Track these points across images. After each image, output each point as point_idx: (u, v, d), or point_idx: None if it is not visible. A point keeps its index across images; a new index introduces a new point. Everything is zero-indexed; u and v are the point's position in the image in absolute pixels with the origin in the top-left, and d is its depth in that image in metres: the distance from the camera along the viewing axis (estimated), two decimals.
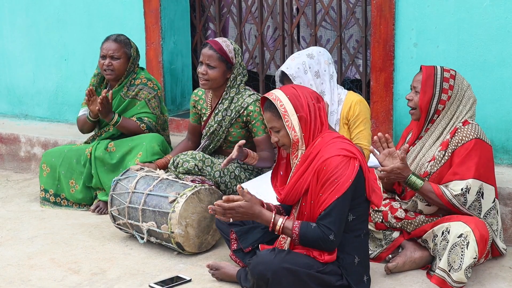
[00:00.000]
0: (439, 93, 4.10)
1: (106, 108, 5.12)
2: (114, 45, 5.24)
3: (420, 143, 4.21)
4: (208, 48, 4.72)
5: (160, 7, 6.06)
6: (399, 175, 4.02)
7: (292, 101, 3.67)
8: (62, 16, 6.54)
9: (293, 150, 3.72)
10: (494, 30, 4.77)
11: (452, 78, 4.12)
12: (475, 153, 4.02)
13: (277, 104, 3.67)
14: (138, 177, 4.63)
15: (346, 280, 3.66)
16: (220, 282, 4.04)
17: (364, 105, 4.67)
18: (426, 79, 4.12)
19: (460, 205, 3.99)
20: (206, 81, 4.73)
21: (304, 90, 3.73)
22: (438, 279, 3.84)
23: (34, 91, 6.85)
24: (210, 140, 4.89)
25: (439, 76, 4.12)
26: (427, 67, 4.17)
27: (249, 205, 3.69)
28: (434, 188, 4.01)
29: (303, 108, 3.66)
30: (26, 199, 5.66)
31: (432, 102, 4.11)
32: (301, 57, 4.59)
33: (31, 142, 6.35)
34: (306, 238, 3.60)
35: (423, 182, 4.02)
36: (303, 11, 5.77)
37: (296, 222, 3.63)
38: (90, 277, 4.18)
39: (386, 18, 5.08)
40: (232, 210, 3.70)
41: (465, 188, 3.98)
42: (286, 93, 3.69)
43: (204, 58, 4.72)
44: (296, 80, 4.51)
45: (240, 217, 3.72)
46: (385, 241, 4.25)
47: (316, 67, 4.57)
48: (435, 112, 4.13)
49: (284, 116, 3.66)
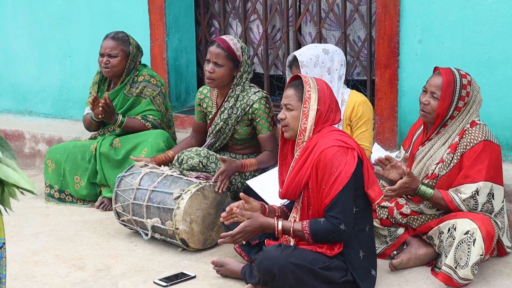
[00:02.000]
0: (457, 101, 4.07)
1: (108, 112, 5.13)
2: (112, 43, 5.25)
3: (429, 145, 4.19)
4: (216, 46, 4.70)
5: (164, 4, 6.05)
6: (407, 189, 4.01)
7: (320, 93, 3.69)
8: (66, 13, 6.55)
9: (299, 140, 3.73)
10: (499, 27, 4.76)
11: (469, 85, 4.08)
12: (485, 155, 4.01)
13: (306, 87, 3.69)
14: (143, 174, 4.63)
15: (351, 275, 3.66)
16: (224, 279, 4.05)
17: (367, 106, 4.65)
18: (447, 86, 4.05)
19: (470, 210, 3.98)
20: (212, 80, 4.72)
21: (332, 93, 3.76)
22: (444, 276, 3.83)
23: (38, 88, 6.86)
24: (216, 138, 4.88)
25: (459, 84, 4.06)
26: (445, 72, 4.09)
27: (253, 221, 3.69)
28: (443, 195, 4.01)
29: (325, 105, 3.68)
30: (30, 196, 5.64)
31: (450, 109, 4.08)
32: (316, 49, 4.58)
33: (36, 139, 6.36)
34: (318, 234, 3.60)
35: (433, 191, 4.01)
36: (308, 8, 5.76)
37: (305, 222, 3.63)
38: (95, 274, 4.18)
39: (391, 15, 5.07)
40: (241, 233, 3.70)
41: (475, 191, 3.97)
42: (318, 83, 3.72)
43: (212, 56, 4.70)
44: (303, 69, 4.49)
45: (250, 235, 3.72)
46: (390, 238, 4.25)
47: (328, 64, 4.56)
48: (450, 118, 4.11)
49: (305, 101, 3.68)
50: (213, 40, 4.78)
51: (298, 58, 4.52)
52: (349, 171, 3.56)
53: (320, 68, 4.53)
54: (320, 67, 4.53)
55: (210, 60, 4.70)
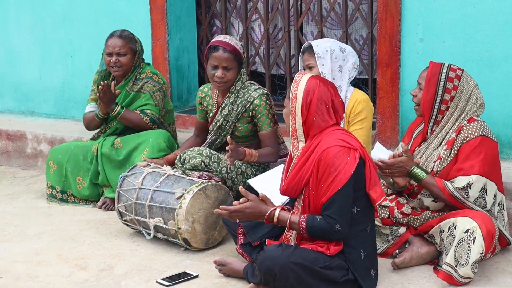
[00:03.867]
0: (442, 93, 4.08)
1: (108, 96, 5.12)
2: (120, 42, 5.24)
3: (426, 145, 4.21)
4: (222, 51, 4.66)
5: (166, 3, 6.06)
6: (401, 168, 4.02)
7: (305, 93, 3.66)
8: (68, 13, 6.55)
9: (293, 141, 3.73)
10: (500, 25, 4.76)
11: (457, 79, 4.09)
12: (481, 150, 4.01)
13: (293, 86, 3.70)
14: (145, 174, 4.64)
15: (352, 274, 3.67)
16: (227, 278, 4.05)
17: (367, 104, 4.60)
18: (430, 77, 4.10)
19: (463, 198, 3.98)
20: (224, 83, 4.72)
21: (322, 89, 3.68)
22: (445, 275, 3.84)
23: (40, 88, 6.87)
24: (217, 135, 4.89)
25: (444, 76, 4.09)
26: (434, 65, 4.14)
27: (254, 204, 3.72)
28: (437, 181, 4.01)
29: (310, 107, 3.65)
30: (33, 196, 5.67)
31: (435, 101, 4.09)
32: (334, 44, 4.56)
33: (38, 139, 6.37)
34: (313, 230, 3.61)
35: (426, 174, 4.01)
36: (309, 7, 5.77)
37: (302, 216, 3.64)
38: (97, 273, 4.19)
39: (392, 14, 5.07)
40: (239, 212, 3.72)
41: (467, 184, 3.97)
42: (309, 83, 3.68)
43: (220, 61, 4.67)
44: (319, 60, 4.47)
45: (247, 218, 3.74)
46: (392, 237, 4.25)
47: (341, 62, 4.54)
48: (438, 113, 4.11)
49: (292, 101, 3.69)
50: (215, 45, 4.71)
51: (314, 49, 4.50)
52: (349, 172, 3.56)
53: (332, 63, 4.51)
54: (332, 62, 4.52)
55: (219, 65, 4.67)
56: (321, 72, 4.46)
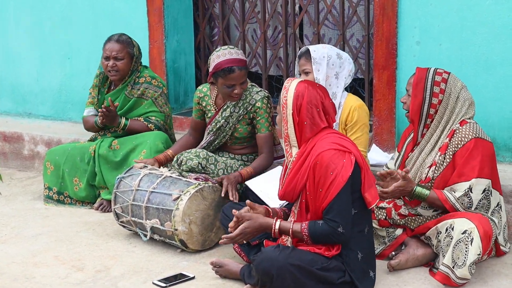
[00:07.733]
0: (430, 97, 4.10)
1: (109, 116, 5.15)
2: (117, 46, 5.24)
3: (418, 149, 4.22)
4: (239, 71, 4.61)
5: (163, 5, 6.07)
6: (403, 191, 4.04)
7: (294, 99, 3.69)
8: (67, 15, 6.56)
9: (286, 147, 3.75)
10: (497, 29, 4.77)
11: (444, 82, 4.11)
12: (477, 152, 4.03)
13: (283, 92, 3.73)
14: (142, 175, 4.65)
15: (349, 276, 3.67)
16: (223, 279, 4.06)
17: (363, 110, 4.60)
18: (417, 83, 4.12)
19: (465, 209, 4.00)
20: (240, 94, 4.73)
21: (311, 92, 3.71)
22: (442, 276, 3.85)
23: (38, 89, 6.87)
24: (216, 136, 4.89)
25: (430, 80, 4.11)
26: (420, 70, 4.16)
27: (252, 222, 3.73)
28: (438, 194, 4.03)
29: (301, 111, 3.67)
30: (30, 197, 5.67)
31: (423, 106, 4.11)
32: (331, 51, 4.55)
33: (35, 141, 6.37)
34: (317, 236, 3.62)
35: (429, 191, 4.03)
36: (306, 10, 5.78)
37: (303, 224, 3.65)
38: (94, 275, 4.20)
39: (389, 17, 5.08)
40: (240, 235, 3.73)
41: (468, 189, 3.99)
42: (298, 87, 3.70)
43: (237, 80, 4.63)
44: (315, 65, 4.47)
45: (250, 235, 3.76)
46: (388, 238, 4.26)
47: (337, 69, 4.54)
48: (428, 117, 4.13)
49: (283, 107, 3.73)
50: (230, 67, 4.60)
51: (312, 54, 4.51)
52: (346, 174, 3.57)
53: (328, 69, 4.52)
54: (329, 68, 4.52)
55: (236, 84, 4.65)
56: (315, 78, 4.46)
